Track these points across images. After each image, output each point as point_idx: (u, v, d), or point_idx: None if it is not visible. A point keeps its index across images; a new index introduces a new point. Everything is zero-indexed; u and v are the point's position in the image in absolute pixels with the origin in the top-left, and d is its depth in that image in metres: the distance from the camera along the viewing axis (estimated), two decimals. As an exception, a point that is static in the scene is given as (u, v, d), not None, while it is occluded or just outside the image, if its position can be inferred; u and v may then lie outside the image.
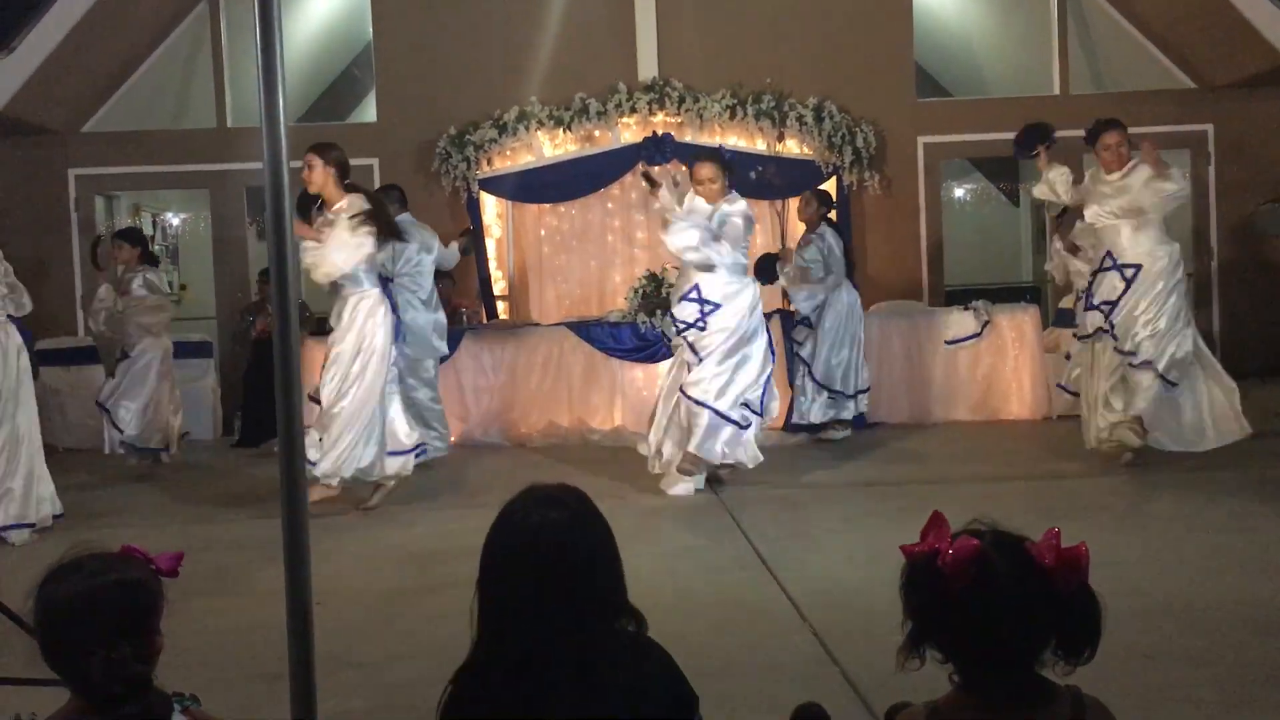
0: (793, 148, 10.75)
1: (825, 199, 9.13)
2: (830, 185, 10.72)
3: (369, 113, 12.35)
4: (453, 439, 8.66)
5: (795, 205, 9.40)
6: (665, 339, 7.27)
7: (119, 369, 8.19)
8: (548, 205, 11.08)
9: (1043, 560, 1.80)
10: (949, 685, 1.89)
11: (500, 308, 10.95)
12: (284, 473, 2.34)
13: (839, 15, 10.96)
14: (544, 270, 11.23)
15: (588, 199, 10.96)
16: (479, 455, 8.68)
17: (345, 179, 6.74)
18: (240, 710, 3.51)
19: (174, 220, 13.96)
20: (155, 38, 11.10)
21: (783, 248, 8.62)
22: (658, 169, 10.60)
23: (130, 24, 10.66)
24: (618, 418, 9.17)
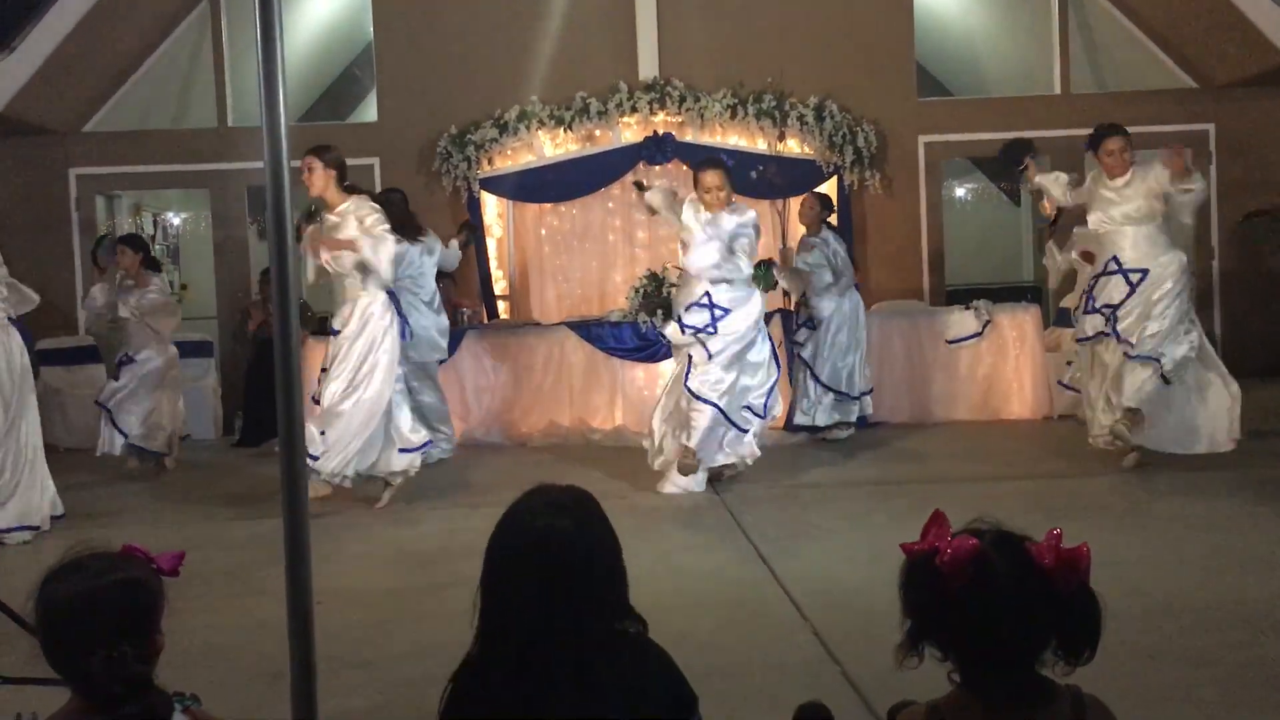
0: (793, 147, 10.75)
1: (826, 202, 9.13)
2: (831, 185, 10.73)
3: (369, 112, 12.36)
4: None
5: (796, 205, 9.39)
6: (665, 340, 7.26)
7: (123, 372, 8.18)
8: (548, 205, 11.09)
9: (1042, 560, 1.80)
10: (949, 684, 1.89)
11: (501, 307, 10.96)
12: (284, 472, 2.34)
13: (840, 15, 10.97)
14: (545, 270, 11.24)
15: (588, 198, 10.96)
16: (480, 455, 8.67)
17: (344, 181, 6.75)
18: (241, 710, 3.51)
19: (174, 220, 13.97)
20: (156, 37, 11.11)
21: (783, 248, 8.61)
22: (658, 168, 10.64)
23: (131, 24, 10.67)
24: (618, 417, 9.16)
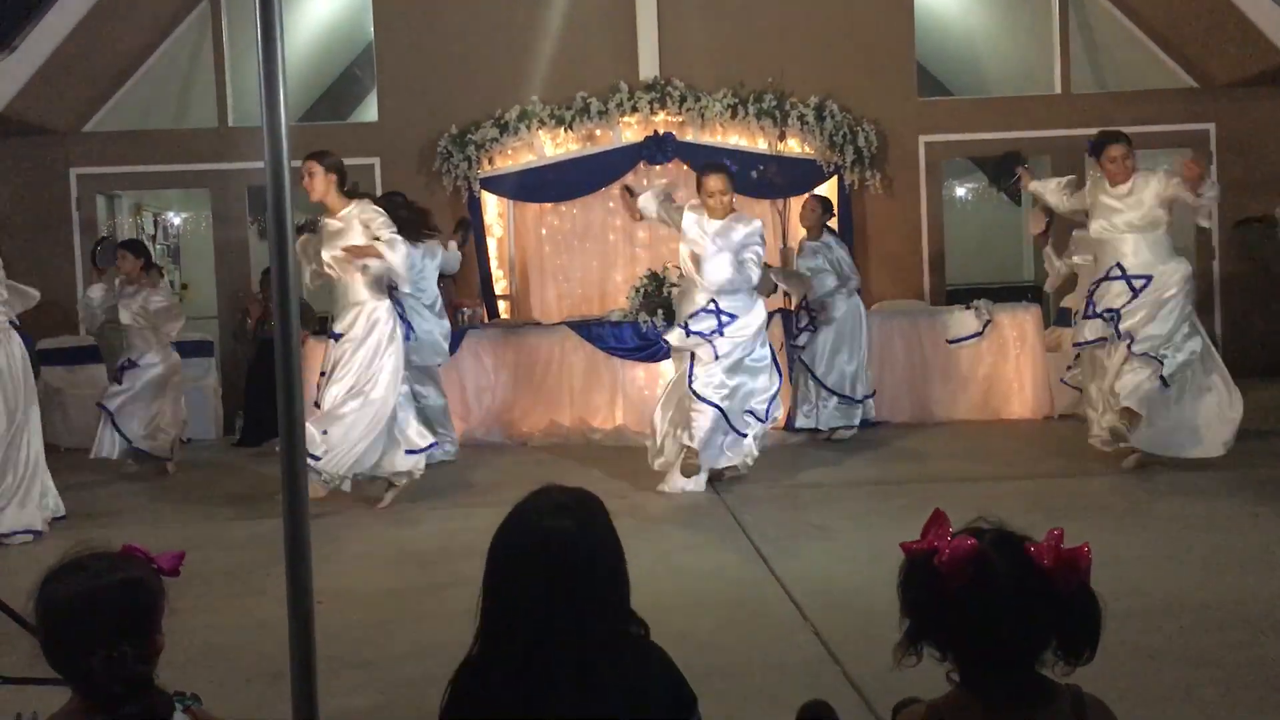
0: (794, 147, 10.75)
1: (827, 205, 9.11)
2: (832, 184, 10.73)
3: (370, 112, 12.36)
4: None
5: (796, 206, 9.38)
6: (666, 344, 7.26)
7: (125, 377, 8.17)
8: (549, 204, 11.08)
9: (1041, 561, 1.80)
10: (948, 684, 1.89)
11: (501, 307, 10.95)
12: (285, 472, 2.34)
13: (840, 14, 10.96)
14: (545, 269, 11.24)
15: (589, 198, 10.96)
16: (480, 455, 8.66)
17: (344, 185, 6.76)
18: (242, 709, 3.51)
19: (175, 220, 13.96)
20: (157, 37, 11.11)
21: (784, 248, 8.60)
22: (659, 167, 10.64)
23: (132, 23, 10.67)
24: (619, 417, 9.16)
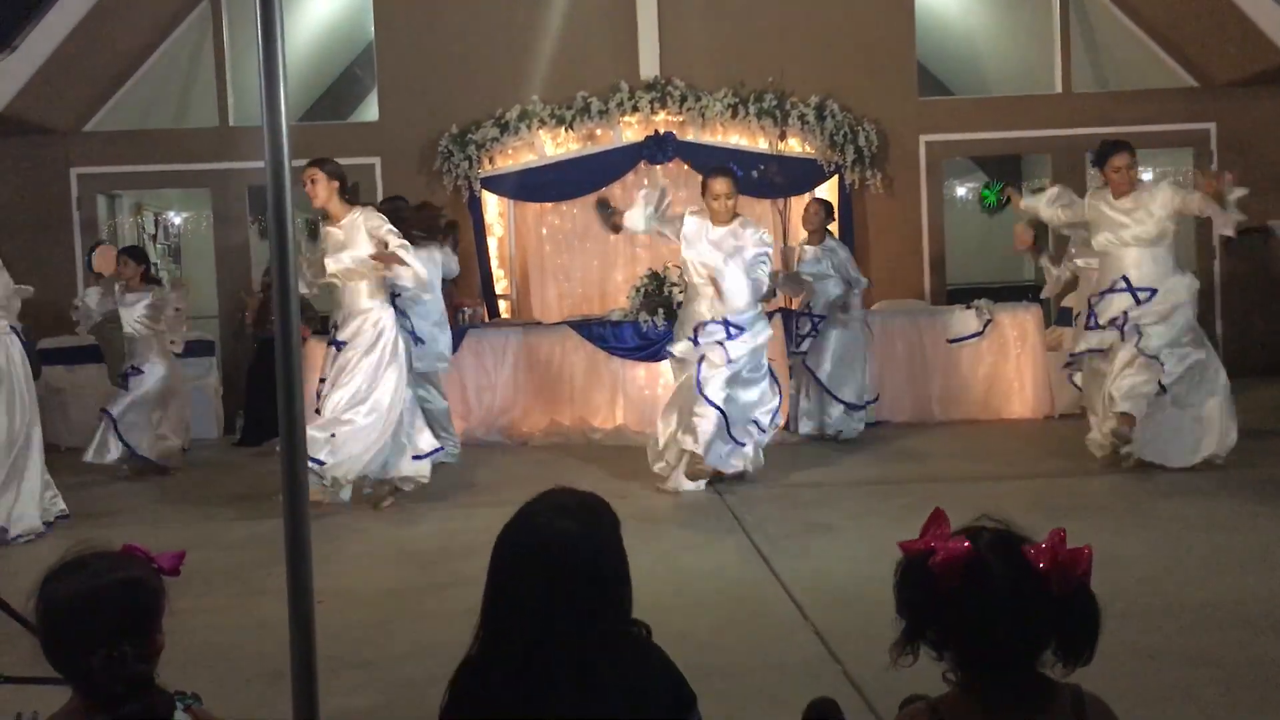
0: (795, 146, 10.75)
1: (829, 209, 9.10)
2: (832, 184, 10.73)
3: (370, 112, 12.37)
4: (454, 438, 8.65)
5: (796, 205, 9.36)
6: (669, 352, 7.23)
7: (131, 383, 8.16)
8: (550, 204, 11.09)
9: (1038, 563, 1.80)
10: (945, 684, 1.89)
11: (502, 306, 10.96)
12: (286, 472, 2.34)
13: (841, 14, 10.96)
14: (546, 269, 11.24)
15: (590, 198, 10.93)
16: (481, 454, 8.65)
17: (346, 192, 6.78)
18: (242, 709, 3.51)
19: (175, 219, 13.96)
20: (157, 37, 11.12)
21: (784, 247, 8.59)
22: (660, 167, 10.63)
23: (132, 23, 10.68)
24: (619, 416, 9.16)
